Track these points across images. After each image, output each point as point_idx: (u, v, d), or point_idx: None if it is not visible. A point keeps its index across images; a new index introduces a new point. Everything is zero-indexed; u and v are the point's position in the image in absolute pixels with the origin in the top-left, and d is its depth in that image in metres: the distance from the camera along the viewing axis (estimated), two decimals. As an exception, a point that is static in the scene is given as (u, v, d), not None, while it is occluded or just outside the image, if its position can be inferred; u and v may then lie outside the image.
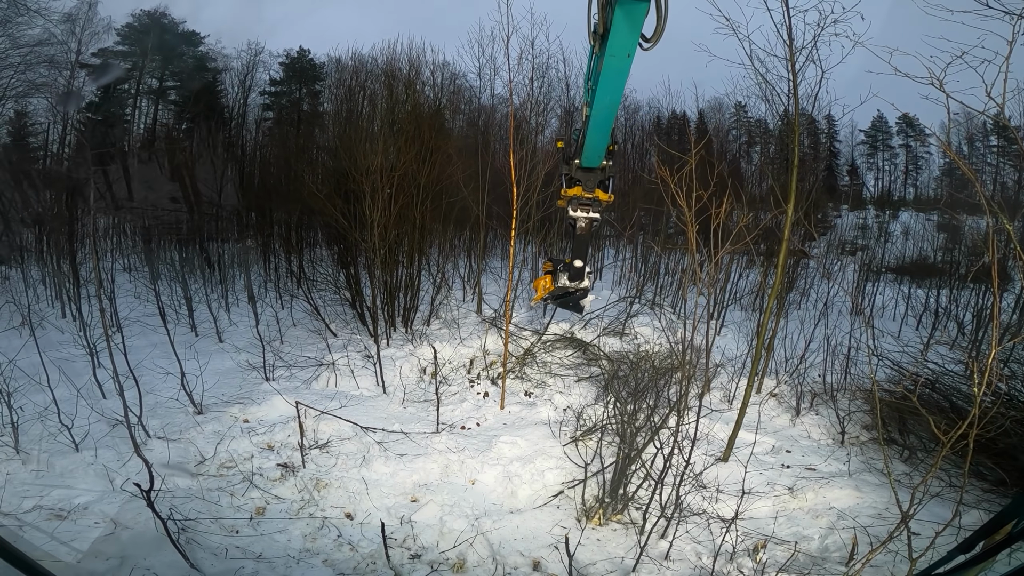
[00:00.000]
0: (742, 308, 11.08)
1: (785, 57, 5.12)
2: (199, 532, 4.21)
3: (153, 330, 7.22)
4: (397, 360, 7.28)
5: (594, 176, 6.04)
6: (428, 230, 9.55)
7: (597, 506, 4.70)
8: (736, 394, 6.89)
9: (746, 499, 4.44)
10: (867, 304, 11.37)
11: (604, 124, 5.23)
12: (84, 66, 18.17)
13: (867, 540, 4.24)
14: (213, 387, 6.35)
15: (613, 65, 4.13)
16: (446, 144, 10.23)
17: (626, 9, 3.59)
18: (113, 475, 4.71)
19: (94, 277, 6.29)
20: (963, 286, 10.32)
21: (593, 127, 5.28)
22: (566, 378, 7.30)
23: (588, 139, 5.56)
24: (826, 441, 6.15)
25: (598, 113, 4.97)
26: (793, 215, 5.27)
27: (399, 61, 15.67)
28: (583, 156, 5.90)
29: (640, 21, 3.72)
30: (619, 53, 3.97)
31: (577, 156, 5.99)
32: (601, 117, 5.06)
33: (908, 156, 26.34)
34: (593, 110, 4.97)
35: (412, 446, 5.54)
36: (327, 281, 9.32)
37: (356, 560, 4.16)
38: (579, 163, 5.97)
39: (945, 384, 6.00)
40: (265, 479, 4.95)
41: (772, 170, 11.86)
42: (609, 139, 5.65)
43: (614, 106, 4.89)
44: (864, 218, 22.52)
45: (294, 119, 20.85)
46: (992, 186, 19.45)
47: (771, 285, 5.85)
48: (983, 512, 4.53)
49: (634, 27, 3.74)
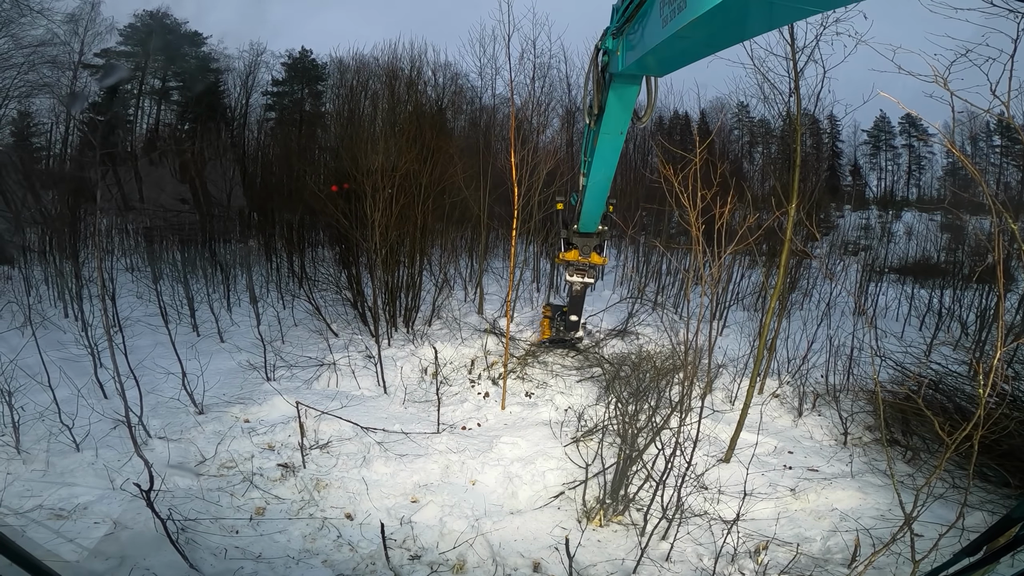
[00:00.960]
0: (744, 308, 11.05)
1: (787, 56, 5.08)
2: (199, 532, 4.20)
3: (155, 330, 7.23)
4: (398, 360, 7.28)
5: (591, 241, 6.46)
6: (430, 230, 9.54)
7: (598, 507, 4.68)
8: (738, 395, 6.86)
9: (748, 500, 4.41)
10: (870, 305, 11.33)
11: (600, 194, 5.54)
12: (87, 66, 18.22)
13: (870, 542, 4.22)
14: (214, 387, 6.34)
15: (607, 142, 4.53)
16: (448, 144, 10.22)
17: (619, 92, 3.96)
18: (114, 475, 4.70)
19: (97, 277, 6.28)
20: (967, 287, 10.27)
21: (590, 197, 5.58)
22: (567, 378, 7.28)
23: (585, 207, 5.88)
24: (829, 442, 6.12)
25: (594, 184, 5.28)
26: (795, 215, 5.24)
27: (401, 61, 15.68)
28: (580, 223, 6.25)
29: (632, 101, 4.08)
30: (613, 131, 4.39)
31: (575, 222, 6.30)
32: (597, 188, 5.37)
33: (911, 156, 26.26)
34: (589, 181, 5.27)
35: (413, 446, 5.53)
36: (329, 281, 9.32)
37: (356, 561, 4.14)
38: (577, 228, 6.35)
39: (948, 385, 5.96)
40: (265, 479, 4.94)
41: (774, 170, 11.83)
42: (604, 206, 5.98)
43: (608, 178, 5.18)
44: (867, 218, 22.44)
45: (296, 119, 20.87)
46: (996, 186, 19.35)
47: (773, 285, 5.82)
48: (987, 514, 4.50)
49: (627, 107, 4.13)
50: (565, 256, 6.62)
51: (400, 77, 15.23)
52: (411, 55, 16.04)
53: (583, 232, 6.41)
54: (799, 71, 5.04)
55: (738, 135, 22.47)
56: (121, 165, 14.35)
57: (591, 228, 6.37)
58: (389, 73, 15.47)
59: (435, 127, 10.36)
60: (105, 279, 5.60)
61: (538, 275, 12.09)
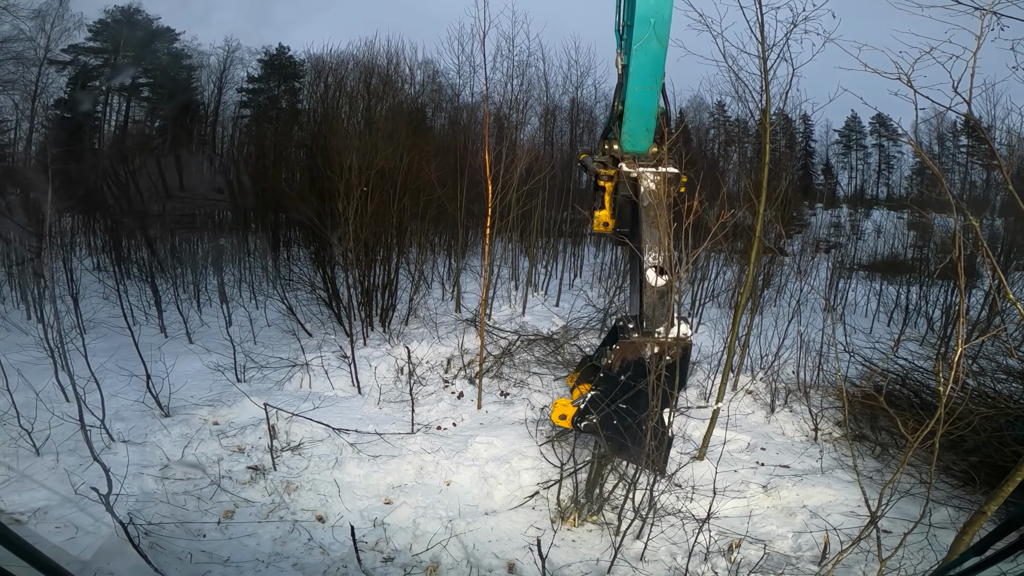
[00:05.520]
0: (719, 305, 11.16)
1: (757, 54, 5.11)
2: (163, 536, 4.10)
3: (120, 332, 7.02)
4: (373, 360, 7.18)
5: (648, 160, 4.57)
6: (406, 229, 9.45)
7: (572, 507, 4.67)
8: (712, 391, 6.91)
9: (721, 498, 4.44)
10: (839, 301, 11.53)
11: (653, 64, 4.16)
12: (53, 63, 17.71)
13: (839, 539, 4.27)
14: (181, 389, 6.19)
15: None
16: (425, 142, 10.14)
17: None
18: (75, 479, 4.56)
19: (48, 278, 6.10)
20: (932, 283, 10.51)
21: (636, 68, 4.19)
22: (544, 376, 7.26)
23: (630, 99, 4.34)
24: (800, 438, 6.20)
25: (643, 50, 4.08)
26: (765, 212, 5.28)
27: (378, 58, 15.51)
28: (626, 126, 4.48)
29: None
30: None
31: (617, 135, 4.59)
32: (649, 56, 4.12)
33: (881, 155, 26.89)
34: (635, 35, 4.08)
35: (386, 447, 5.46)
36: (303, 281, 9.18)
37: (327, 564, 4.08)
38: (619, 148, 4.59)
39: (915, 380, 6.08)
40: (234, 482, 4.84)
41: (748, 169, 11.97)
42: (658, 96, 4.37)
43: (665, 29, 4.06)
44: (838, 216, 22.89)
45: (272, 117, 20.53)
46: (961, 185, 19.88)
47: (744, 283, 5.86)
48: (952, 509, 4.59)
49: None
50: (600, 217, 4.76)
51: (377, 73, 15.05)
52: (388, 52, 15.86)
53: (630, 150, 4.52)
54: (768, 69, 5.07)
55: (714, 134, 22.72)
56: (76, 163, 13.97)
57: (639, 142, 4.51)
58: (365, 69, 15.28)
59: (412, 124, 10.28)
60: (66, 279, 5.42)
61: (516, 272, 12.06)
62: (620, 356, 4.26)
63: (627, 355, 4.24)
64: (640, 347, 4.18)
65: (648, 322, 4.20)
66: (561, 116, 17.26)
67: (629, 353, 4.23)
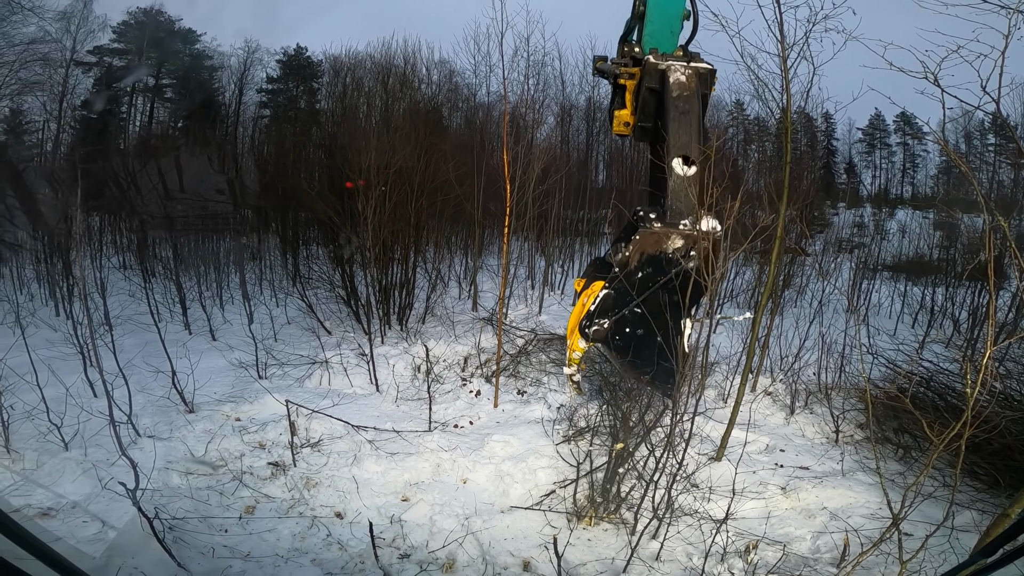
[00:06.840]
0: (738, 306, 11.06)
1: (777, 54, 5.06)
2: (187, 531, 4.17)
3: (146, 328, 7.17)
4: (391, 358, 7.25)
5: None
6: (424, 227, 9.52)
7: (588, 506, 4.67)
8: (730, 392, 6.86)
9: (739, 499, 4.41)
10: (863, 302, 11.36)
11: None
12: (79, 64, 18.15)
13: (859, 541, 4.21)
14: (205, 385, 6.31)
15: None
16: (442, 141, 10.20)
17: None
18: (102, 474, 4.67)
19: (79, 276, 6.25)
20: (959, 284, 10.30)
21: None
22: (560, 376, 7.26)
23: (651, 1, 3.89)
24: (820, 440, 6.12)
25: None
26: (787, 212, 5.22)
27: (395, 58, 15.64)
28: (647, 32, 4.05)
29: None
30: None
31: (638, 36, 4.13)
32: None
33: (905, 154, 26.36)
34: None
35: (404, 445, 5.50)
36: (322, 279, 9.29)
37: (345, 559, 4.13)
38: (640, 50, 4.07)
39: (940, 383, 5.97)
40: (255, 478, 4.91)
41: (768, 168, 11.83)
42: None
43: None
44: (861, 216, 22.49)
45: (291, 117, 20.80)
46: (989, 184, 19.43)
47: (764, 283, 5.81)
48: (976, 512, 4.50)
49: None
50: (620, 117, 4.30)
51: (394, 73, 15.19)
52: (405, 52, 16.01)
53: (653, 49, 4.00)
54: (789, 68, 5.02)
55: (733, 133, 22.49)
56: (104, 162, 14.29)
57: (662, 45, 4.03)
58: (383, 70, 15.42)
59: (429, 124, 10.35)
60: (95, 277, 5.56)
61: (532, 272, 12.08)
62: (639, 248, 3.62)
63: (647, 247, 3.60)
64: (663, 238, 3.59)
65: (672, 213, 3.64)
66: (578, 115, 17.29)
67: (650, 245, 3.61)
